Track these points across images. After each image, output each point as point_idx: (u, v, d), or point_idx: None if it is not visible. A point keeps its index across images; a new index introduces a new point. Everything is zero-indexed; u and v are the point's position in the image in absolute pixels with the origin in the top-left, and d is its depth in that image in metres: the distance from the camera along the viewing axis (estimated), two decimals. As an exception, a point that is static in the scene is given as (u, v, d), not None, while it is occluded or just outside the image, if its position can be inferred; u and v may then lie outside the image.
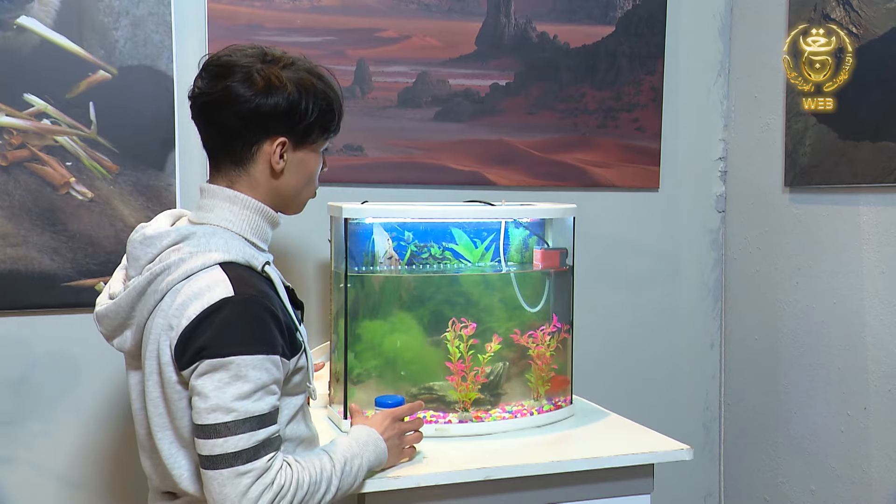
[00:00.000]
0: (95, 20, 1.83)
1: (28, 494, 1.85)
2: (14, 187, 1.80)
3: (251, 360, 1.21)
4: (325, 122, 1.36)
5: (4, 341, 1.83)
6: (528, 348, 1.78)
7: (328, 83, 1.37)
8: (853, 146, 1.98)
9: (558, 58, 2.21)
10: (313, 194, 1.45)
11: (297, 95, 1.31)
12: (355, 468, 1.34)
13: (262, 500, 1.19)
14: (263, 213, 1.35)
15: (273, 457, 1.22)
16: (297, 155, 1.35)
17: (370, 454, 1.39)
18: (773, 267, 2.26)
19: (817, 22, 2.04)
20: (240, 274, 1.26)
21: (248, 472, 1.18)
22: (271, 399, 1.24)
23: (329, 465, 1.30)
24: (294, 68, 1.33)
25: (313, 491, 1.26)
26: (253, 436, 1.20)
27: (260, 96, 1.29)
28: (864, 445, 1.99)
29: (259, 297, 1.24)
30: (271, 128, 1.31)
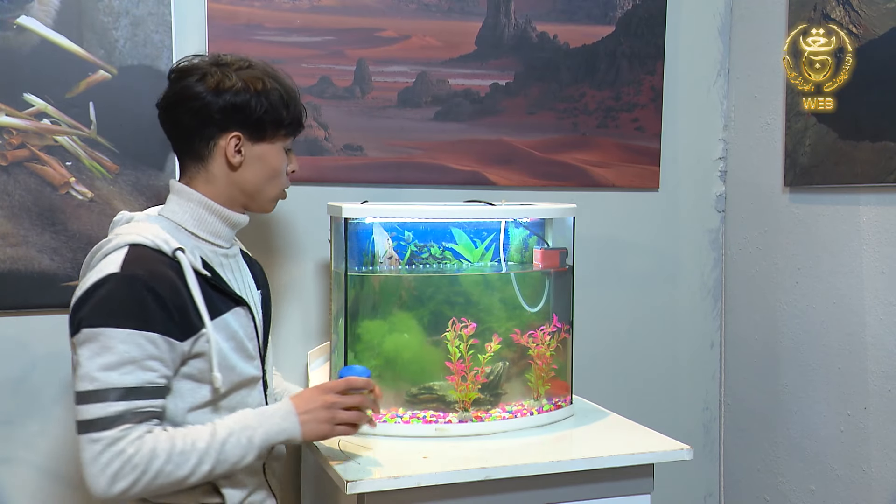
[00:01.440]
0: (95, 20, 1.83)
1: (27, 494, 1.85)
2: (14, 187, 1.79)
3: (120, 333, 1.27)
4: (276, 116, 1.43)
5: (4, 341, 1.83)
6: (528, 348, 1.78)
7: (281, 82, 1.46)
8: (853, 146, 1.98)
9: (558, 58, 2.21)
10: (281, 193, 1.52)
11: (245, 92, 1.40)
12: (244, 440, 1.33)
13: (109, 467, 1.24)
14: (207, 206, 1.43)
15: (128, 428, 1.26)
16: (255, 150, 1.43)
17: (272, 426, 1.36)
18: (773, 267, 2.26)
19: (817, 22, 2.04)
20: (139, 255, 1.33)
21: (99, 440, 1.25)
22: (145, 375, 1.28)
23: (207, 438, 1.31)
24: (248, 70, 1.43)
25: (179, 462, 1.28)
26: (109, 406, 1.25)
27: (211, 94, 1.39)
28: (864, 445, 1.99)
29: (143, 275, 1.30)
30: (224, 123, 1.40)
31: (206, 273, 1.38)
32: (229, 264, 1.47)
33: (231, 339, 1.40)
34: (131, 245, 1.34)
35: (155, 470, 1.26)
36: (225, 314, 1.39)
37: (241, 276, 1.50)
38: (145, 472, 1.25)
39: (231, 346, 1.40)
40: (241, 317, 1.43)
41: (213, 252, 1.44)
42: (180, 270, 1.34)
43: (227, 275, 1.45)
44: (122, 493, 1.26)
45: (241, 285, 1.49)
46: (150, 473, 1.26)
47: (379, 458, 1.55)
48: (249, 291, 1.51)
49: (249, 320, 1.44)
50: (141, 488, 1.26)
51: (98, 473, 1.24)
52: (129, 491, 1.26)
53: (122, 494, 1.26)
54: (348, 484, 1.43)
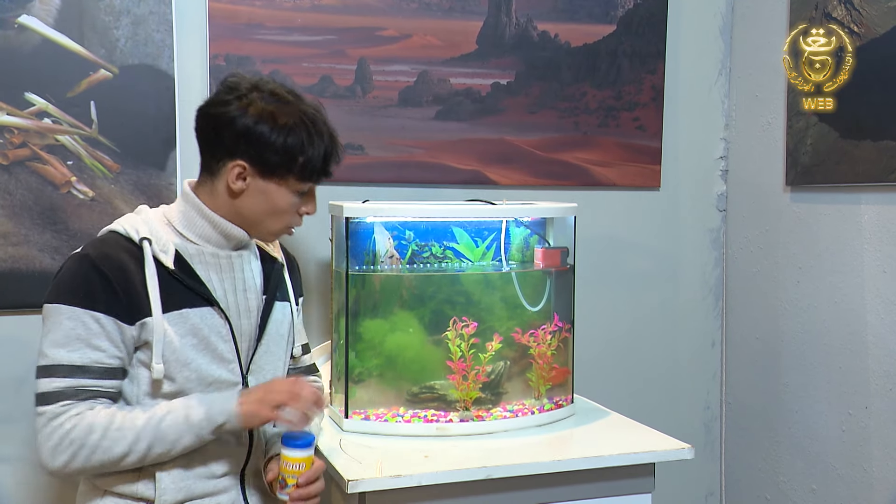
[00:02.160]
0: (96, 19, 1.83)
1: (28, 493, 1.86)
2: (15, 186, 1.80)
3: (66, 309, 1.31)
4: (288, 161, 1.38)
5: (5, 340, 1.83)
6: (529, 347, 1.78)
7: (314, 127, 1.39)
8: (854, 145, 1.98)
9: (559, 57, 2.21)
10: (286, 230, 1.48)
11: (264, 125, 1.36)
12: (180, 418, 1.32)
13: (50, 440, 1.29)
14: (201, 211, 1.43)
15: (69, 404, 1.30)
16: (261, 184, 1.40)
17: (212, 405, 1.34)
18: (774, 266, 2.26)
19: (818, 21, 2.04)
20: (106, 240, 1.38)
21: (43, 413, 1.30)
22: (92, 353, 1.31)
23: (146, 416, 1.32)
24: (282, 104, 1.38)
25: (116, 437, 1.30)
26: (53, 381, 1.30)
27: (233, 117, 1.37)
28: (866, 445, 1.99)
29: (93, 256, 1.33)
30: (233, 149, 1.38)
31: (171, 266, 1.38)
32: (218, 264, 1.44)
33: (191, 335, 1.38)
34: (109, 231, 1.40)
35: (91, 444, 1.29)
36: (187, 309, 1.38)
37: (234, 277, 1.46)
38: (82, 446, 1.28)
39: (191, 342, 1.38)
40: (212, 316, 1.41)
41: (196, 250, 1.43)
42: (144, 259, 1.36)
43: (207, 273, 1.42)
44: (64, 466, 1.29)
45: (229, 287, 1.45)
46: (87, 448, 1.29)
47: (380, 457, 1.55)
48: (242, 295, 1.47)
49: (224, 322, 1.41)
50: (81, 463, 1.29)
51: (41, 445, 1.30)
52: (70, 464, 1.29)
53: (65, 468, 1.30)
54: (349, 483, 1.43)
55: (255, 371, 1.47)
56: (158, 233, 1.40)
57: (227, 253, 1.46)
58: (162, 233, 1.41)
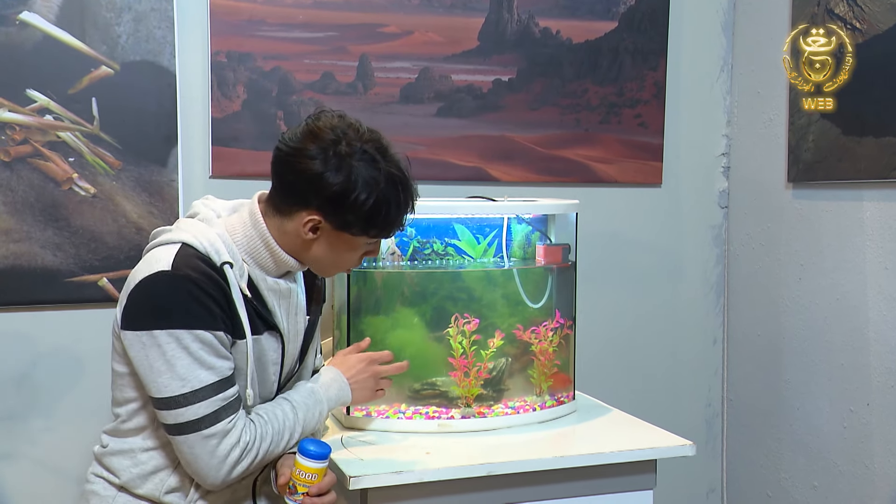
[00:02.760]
0: (98, 16, 1.83)
1: (31, 490, 1.86)
2: (17, 183, 1.80)
3: (187, 334, 1.29)
4: (366, 224, 1.35)
5: (7, 337, 1.83)
6: (531, 344, 1.78)
7: (400, 194, 1.35)
8: (856, 142, 1.97)
9: (561, 53, 2.21)
10: (346, 270, 1.53)
11: (352, 188, 1.31)
12: (317, 413, 1.46)
13: (230, 456, 1.32)
14: (267, 243, 1.38)
15: (234, 418, 1.33)
16: (334, 235, 1.37)
17: (331, 396, 1.51)
18: (775, 263, 2.26)
19: (820, 17, 2.04)
20: (188, 255, 1.32)
21: (213, 434, 1.31)
22: (222, 364, 1.32)
23: (291, 415, 1.42)
24: (372, 163, 1.32)
25: (277, 440, 1.39)
26: (210, 403, 1.31)
27: (323, 172, 1.30)
28: (867, 441, 1.99)
29: (195, 277, 1.29)
30: (314, 203, 1.33)
31: (248, 294, 1.36)
32: (278, 290, 1.42)
33: (257, 360, 1.40)
34: (183, 244, 1.33)
35: (265, 450, 1.36)
36: (261, 335, 1.40)
37: (289, 302, 1.45)
38: (258, 453, 1.35)
39: (255, 365, 1.39)
40: (271, 341, 1.42)
41: (260, 276, 1.40)
42: (226, 282, 1.33)
43: (271, 298, 1.41)
44: (240, 476, 1.35)
45: (284, 312, 1.44)
46: (261, 454, 1.36)
47: (381, 453, 1.55)
48: (293, 318, 1.46)
49: (279, 346, 1.42)
50: (253, 466, 1.36)
51: (219, 465, 1.31)
52: (245, 471, 1.35)
53: (237, 475, 1.35)
54: (351, 480, 1.43)
55: (286, 388, 1.50)
56: (234, 255, 1.36)
57: (287, 284, 1.44)
58: (236, 255, 1.37)
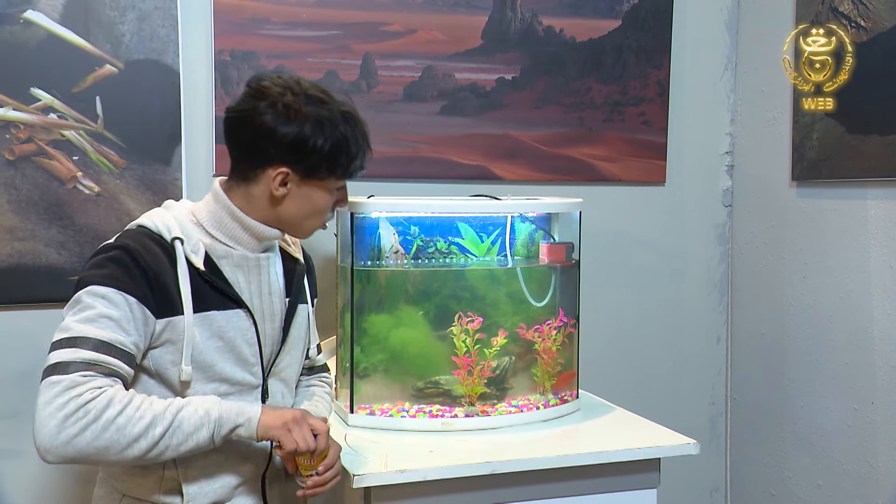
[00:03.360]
0: (102, 14, 1.83)
1: (35, 488, 1.86)
2: (21, 181, 1.80)
3: (100, 290, 1.27)
4: (332, 163, 1.38)
5: (12, 335, 1.84)
6: (535, 343, 1.78)
7: (353, 125, 1.39)
8: (861, 140, 1.97)
9: (564, 52, 2.21)
10: (321, 226, 1.49)
11: (309, 131, 1.34)
12: (201, 412, 1.28)
13: (63, 409, 1.20)
14: (233, 213, 1.40)
15: (92, 376, 1.23)
16: (303, 188, 1.39)
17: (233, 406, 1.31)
18: (779, 261, 2.26)
19: (824, 15, 2.03)
20: (138, 232, 1.35)
21: (59, 382, 1.21)
22: (119, 334, 1.26)
23: (165, 403, 1.27)
24: (321, 106, 1.36)
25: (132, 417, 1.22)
26: (78, 352, 1.23)
27: (275, 125, 1.34)
28: (872, 440, 1.99)
29: (130, 246, 1.31)
30: (277, 156, 1.36)
31: (202, 267, 1.37)
32: (245, 266, 1.43)
33: (216, 338, 1.37)
34: (139, 226, 1.37)
35: (107, 419, 1.21)
36: (214, 311, 1.37)
37: (260, 280, 1.45)
38: (97, 418, 1.20)
39: (215, 344, 1.37)
40: (239, 319, 1.40)
41: (224, 251, 1.41)
42: (175, 257, 1.35)
43: (236, 276, 1.41)
44: (69, 440, 1.20)
45: (255, 289, 1.44)
46: (101, 421, 1.20)
47: (385, 452, 1.55)
48: (268, 298, 1.46)
49: (250, 324, 1.41)
50: (88, 439, 1.20)
51: (49, 416, 1.20)
52: (76, 440, 1.20)
53: (69, 443, 1.20)
54: (354, 478, 1.43)
55: (276, 374, 1.47)
56: (189, 232, 1.38)
57: (256, 255, 1.45)
58: (192, 232, 1.39)
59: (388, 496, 1.48)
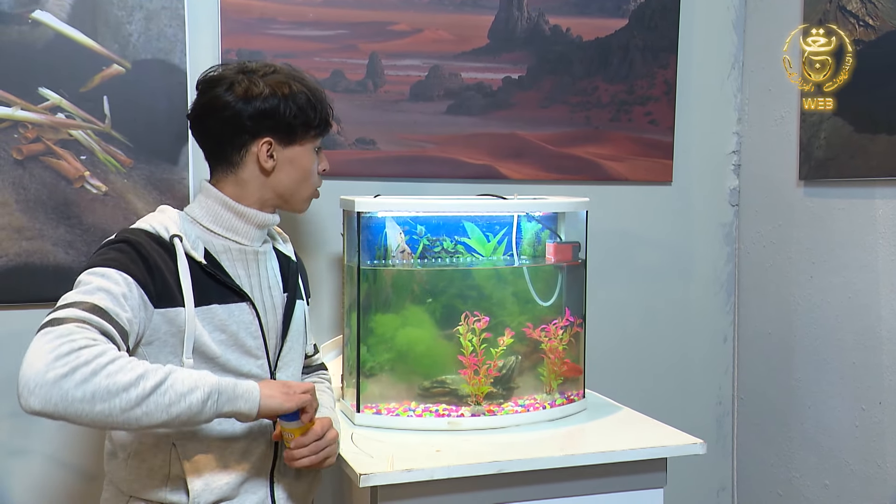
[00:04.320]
0: (109, 14, 1.84)
1: (43, 486, 1.87)
2: (29, 181, 1.81)
3: (99, 270, 1.29)
4: (305, 118, 1.46)
5: (20, 334, 1.83)
6: (541, 342, 1.78)
7: (306, 84, 1.48)
8: (869, 139, 1.96)
9: (571, 51, 2.20)
10: (314, 192, 1.55)
11: (273, 97, 1.43)
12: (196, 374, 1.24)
13: (54, 351, 1.13)
14: (226, 204, 1.45)
15: (88, 328, 1.18)
16: (287, 153, 1.47)
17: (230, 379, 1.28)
18: (787, 261, 2.25)
19: (832, 14, 2.03)
20: (136, 232, 1.37)
21: (53, 330, 1.16)
22: (115, 306, 1.24)
23: (155, 366, 1.21)
24: (273, 75, 1.45)
25: (124, 366, 1.17)
26: (74, 311, 1.20)
27: (240, 102, 1.42)
28: (879, 440, 1.98)
29: (133, 240, 1.34)
30: (256, 130, 1.43)
31: (203, 261, 1.39)
32: (244, 260, 1.47)
33: (219, 331, 1.38)
34: (137, 229, 1.40)
35: (98, 363, 1.14)
36: (215, 304, 1.38)
37: (259, 274, 1.49)
38: (88, 362, 1.14)
39: (219, 337, 1.38)
40: (242, 312, 1.42)
41: (223, 246, 1.44)
42: (175, 255, 1.37)
43: (235, 269, 1.44)
44: (56, 380, 1.12)
45: (255, 283, 1.47)
46: (91, 365, 1.14)
47: (392, 451, 1.55)
48: (268, 292, 1.49)
49: (253, 317, 1.43)
50: (77, 380, 1.13)
51: (38, 356, 1.13)
52: (64, 380, 1.12)
53: (55, 384, 1.12)
54: (361, 477, 1.43)
55: (283, 367, 1.49)
56: (187, 230, 1.41)
57: (255, 249, 1.48)
58: (190, 230, 1.42)
59: (395, 495, 1.48)
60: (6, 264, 1.80)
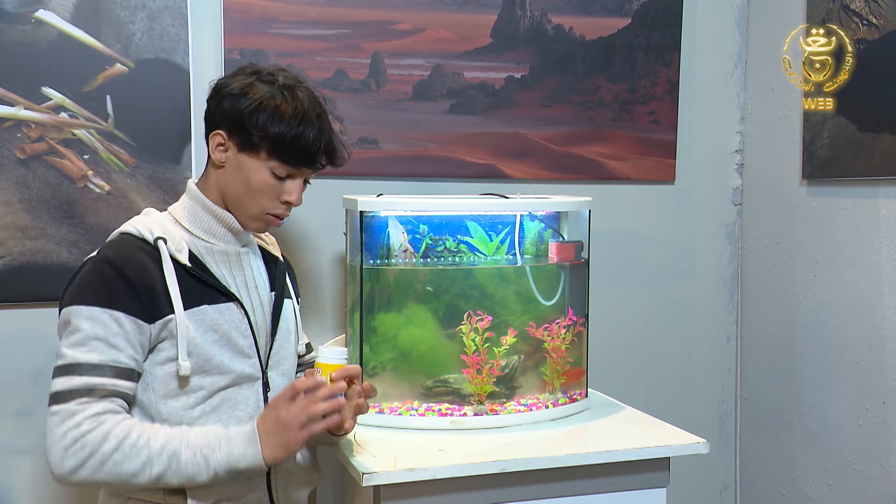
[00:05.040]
0: (112, 13, 1.84)
1: (46, 485, 1.87)
2: (32, 180, 1.81)
3: (85, 310, 1.29)
4: (265, 132, 1.38)
5: (23, 333, 1.85)
6: (544, 341, 1.78)
7: (302, 116, 1.39)
8: (873, 138, 1.96)
9: (573, 50, 2.20)
10: (264, 215, 1.45)
11: (244, 97, 1.39)
12: (200, 459, 1.28)
13: (64, 440, 1.25)
14: (201, 202, 1.45)
15: (86, 402, 1.26)
16: (238, 157, 1.42)
17: (232, 450, 1.30)
18: (790, 260, 2.25)
19: (836, 13, 2.02)
20: (121, 242, 1.38)
21: (58, 412, 1.26)
22: (110, 352, 1.29)
23: (163, 441, 1.27)
24: (265, 80, 1.41)
25: (128, 454, 1.25)
26: (71, 380, 1.27)
27: (224, 96, 1.42)
28: (883, 440, 1.98)
29: (112, 257, 1.34)
30: (216, 120, 1.43)
31: (188, 264, 1.39)
32: (227, 261, 1.46)
33: (211, 332, 1.39)
34: (122, 233, 1.40)
35: (103, 454, 1.24)
36: (206, 305, 1.39)
37: (244, 274, 1.49)
38: (94, 453, 1.24)
39: (211, 338, 1.39)
40: (231, 312, 1.42)
41: (206, 248, 1.45)
42: (160, 258, 1.37)
43: (220, 270, 1.44)
44: (72, 471, 1.25)
45: (241, 283, 1.47)
46: (98, 456, 1.24)
47: (394, 450, 1.55)
48: (254, 291, 1.49)
49: (242, 317, 1.43)
50: (90, 471, 1.24)
51: (52, 446, 1.26)
52: (78, 471, 1.24)
53: (73, 474, 1.25)
54: (364, 476, 1.44)
55: (274, 365, 1.49)
56: (171, 232, 1.41)
57: (236, 249, 1.48)
58: (174, 231, 1.42)
59: (398, 494, 1.48)
60: (10, 263, 1.80)
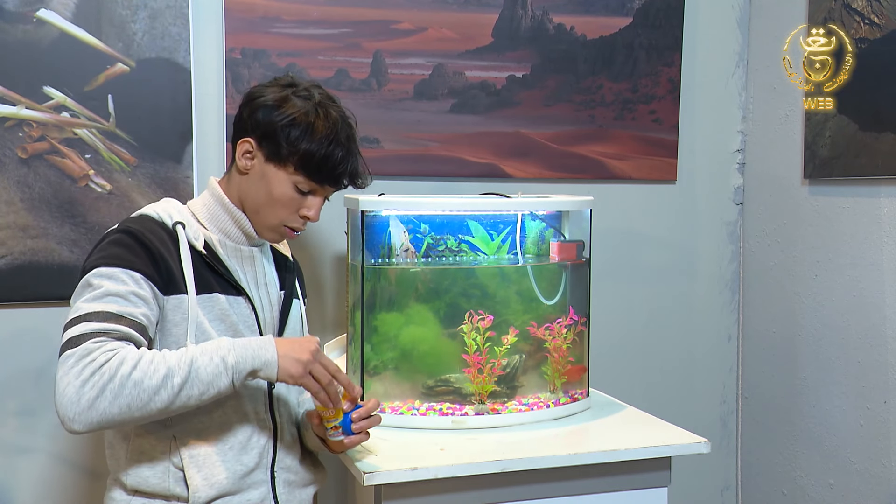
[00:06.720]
0: (114, 13, 1.84)
1: (49, 484, 1.87)
2: (34, 179, 1.81)
3: (105, 270, 1.31)
4: (295, 145, 1.40)
5: (25, 332, 1.85)
6: (545, 341, 1.78)
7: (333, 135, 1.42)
8: (874, 137, 1.96)
9: (575, 49, 2.20)
10: (281, 227, 1.47)
11: (285, 116, 1.40)
12: (217, 359, 1.28)
13: (80, 376, 1.21)
14: (221, 200, 1.46)
15: (103, 341, 1.24)
16: (263, 167, 1.44)
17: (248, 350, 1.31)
18: (791, 260, 2.25)
19: (838, 12, 2.02)
20: (141, 218, 1.40)
21: (73, 354, 1.23)
22: (127, 306, 1.29)
23: (178, 353, 1.27)
24: (300, 95, 1.43)
25: (148, 370, 1.23)
26: (88, 325, 1.25)
27: (258, 106, 1.42)
28: (884, 439, 1.98)
29: (134, 229, 1.35)
30: (247, 127, 1.44)
31: (203, 251, 1.41)
32: (239, 257, 1.48)
33: (220, 321, 1.40)
34: (141, 214, 1.42)
35: (122, 377, 1.21)
36: (218, 293, 1.41)
37: (255, 271, 1.50)
38: (112, 378, 1.21)
39: (219, 327, 1.39)
40: (240, 305, 1.44)
41: (220, 242, 1.46)
42: (178, 242, 1.38)
43: (232, 264, 1.45)
44: (91, 404, 1.20)
45: (251, 279, 1.48)
46: (117, 379, 1.21)
47: (395, 450, 1.55)
48: (264, 288, 1.50)
49: (250, 312, 1.44)
50: (108, 400, 1.21)
51: (67, 385, 1.20)
52: (97, 402, 1.20)
53: (90, 407, 1.20)
54: (365, 476, 1.44)
55: None
56: (189, 220, 1.43)
57: (249, 248, 1.50)
58: (192, 221, 1.44)
59: (399, 494, 1.48)
60: (11, 263, 1.80)
